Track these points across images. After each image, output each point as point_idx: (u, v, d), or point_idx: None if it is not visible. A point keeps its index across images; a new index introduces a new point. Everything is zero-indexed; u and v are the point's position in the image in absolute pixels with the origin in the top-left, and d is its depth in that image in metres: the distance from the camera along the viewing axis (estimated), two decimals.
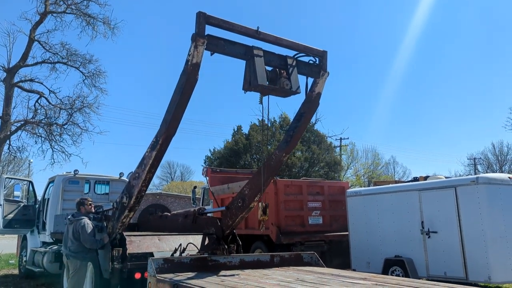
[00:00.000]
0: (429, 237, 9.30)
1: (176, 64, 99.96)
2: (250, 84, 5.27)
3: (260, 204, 5.74)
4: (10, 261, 16.34)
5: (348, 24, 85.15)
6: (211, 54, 5.30)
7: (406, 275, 9.23)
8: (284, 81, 5.47)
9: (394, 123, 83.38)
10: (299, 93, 5.70)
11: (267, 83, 5.34)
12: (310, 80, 6.10)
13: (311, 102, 6.16)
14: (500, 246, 8.50)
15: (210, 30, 5.16)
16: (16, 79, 21.25)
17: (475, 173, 43.04)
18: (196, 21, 5.09)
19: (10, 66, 21.10)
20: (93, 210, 7.54)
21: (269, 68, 5.55)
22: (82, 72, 22.56)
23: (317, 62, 6.03)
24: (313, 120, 31.87)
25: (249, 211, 7.04)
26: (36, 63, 21.84)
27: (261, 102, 5.75)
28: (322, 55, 6.02)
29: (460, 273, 8.69)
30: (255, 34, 5.40)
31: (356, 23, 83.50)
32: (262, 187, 6.21)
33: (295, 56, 5.84)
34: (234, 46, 5.37)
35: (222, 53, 5.35)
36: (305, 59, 5.94)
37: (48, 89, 21.96)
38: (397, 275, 9.37)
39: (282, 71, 5.57)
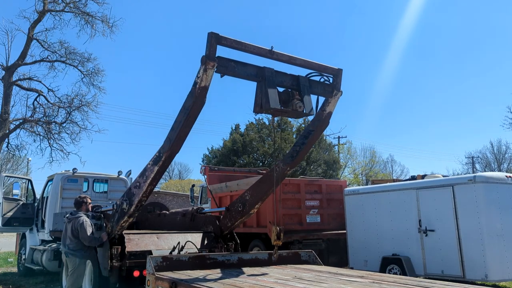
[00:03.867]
0: (426, 235, 9.35)
1: (175, 63, 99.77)
2: (261, 107, 5.10)
3: (274, 228, 5.46)
4: (9, 259, 16.35)
5: (342, 20, 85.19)
6: (221, 76, 5.10)
7: (403, 273, 9.27)
8: (297, 103, 5.30)
9: (393, 122, 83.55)
10: (312, 115, 5.52)
11: (280, 106, 5.15)
12: (321, 97, 5.94)
13: (321, 121, 6.04)
14: (497, 244, 8.55)
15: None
16: (14, 78, 21.26)
17: (473, 172, 43.12)
18: (207, 43, 4.86)
19: (9, 64, 21.12)
20: (90, 210, 7.53)
21: (281, 89, 5.38)
22: (80, 71, 22.61)
23: (331, 81, 5.85)
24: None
25: (248, 216, 7.10)
26: (35, 62, 21.88)
27: (272, 124, 5.66)
28: (336, 74, 5.85)
29: (457, 271, 8.74)
30: (269, 54, 5.24)
31: (350, 19, 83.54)
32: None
33: (308, 76, 5.67)
34: (245, 68, 5.19)
35: (233, 76, 5.16)
36: (317, 78, 5.76)
37: (47, 88, 22.01)
38: (395, 273, 9.41)
39: (294, 92, 5.40)
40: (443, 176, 10.77)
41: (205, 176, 13.48)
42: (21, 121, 21.37)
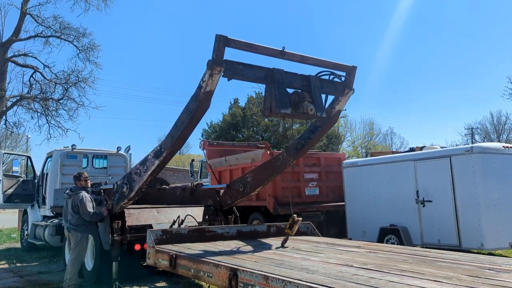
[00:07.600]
0: (423, 206, 9.45)
1: (173, 37, 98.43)
2: (271, 110, 4.95)
3: (291, 218, 5.39)
4: (12, 235, 16.56)
5: None
6: (228, 80, 4.90)
7: (400, 243, 9.41)
8: (307, 105, 5.10)
9: (393, 95, 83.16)
10: (324, 117, 5.38)
11: (290, 109, 4.98)
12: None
13: (329, 119, 5.92)
14: (493, 213, 8.64)
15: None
16: (9, 54, 21.00)
17: (472, 143, 43.20)
18: (214, 46, 4.61)
19: (3, 40, 20.83)
20: (89, 186, 7.56)
21: (291, 90, 5.20)
22: (76, 46, 22.33)
23: (342, 79, 5.66)
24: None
25: (248, 197, 7.19)
26: (29, 37, 21.57)
27: (283, 127, 5.55)
28: (350, 71, 5.67)
29: (454, 240, 8.87)
30: (280, 55, 5.06)
31: None
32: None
33: (319, 75, 5.47)
34: (254, 70, 4.99)
35: (241, 79, 4.99)
36: (327, 77, 5.59)
37: (43, 64, 21.78)
38: (392, 244, 9.55)
39: (305, 94, 5.19)
40: (442, 147, 10.78)
41: (205, 151, 13.49)
42: (18, 98, 21.24)
